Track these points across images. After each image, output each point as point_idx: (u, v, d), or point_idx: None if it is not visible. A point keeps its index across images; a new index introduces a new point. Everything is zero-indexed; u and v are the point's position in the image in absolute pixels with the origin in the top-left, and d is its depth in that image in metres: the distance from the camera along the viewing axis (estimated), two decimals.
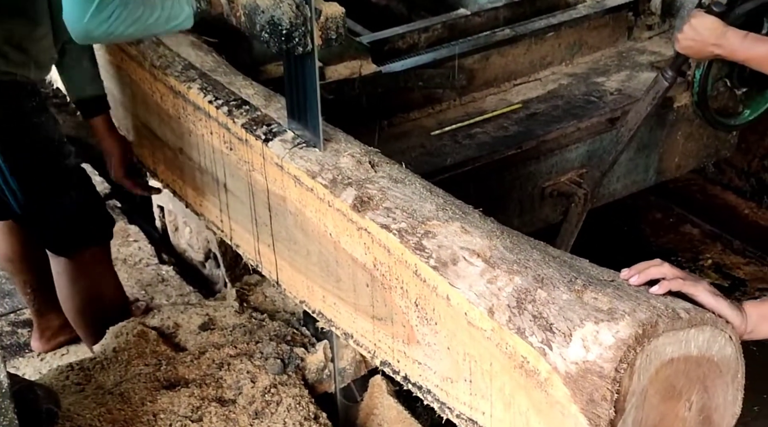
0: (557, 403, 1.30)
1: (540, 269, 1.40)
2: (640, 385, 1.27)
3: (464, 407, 1.49)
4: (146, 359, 2.07)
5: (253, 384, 1.95)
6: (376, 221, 1.54)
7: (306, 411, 1.93)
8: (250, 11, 1.71)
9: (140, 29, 1.76)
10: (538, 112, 2.70)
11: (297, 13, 1.62)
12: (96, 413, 1.89)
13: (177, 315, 2.26)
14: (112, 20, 1.70)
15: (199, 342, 2.14)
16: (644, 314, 1.27)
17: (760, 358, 2.72)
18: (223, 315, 2.25)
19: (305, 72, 1.67)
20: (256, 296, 2.37)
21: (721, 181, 3.38)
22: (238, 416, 1.90)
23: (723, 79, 2.73)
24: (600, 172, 2.55)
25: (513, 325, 1.34)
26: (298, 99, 1.71)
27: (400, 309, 1.55)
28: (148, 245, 2.99)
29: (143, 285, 2.81)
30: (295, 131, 1.74)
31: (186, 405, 1.90)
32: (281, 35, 1.64)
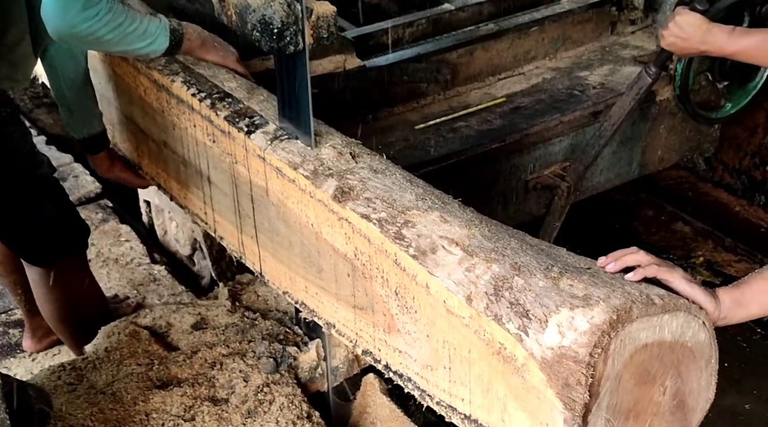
0: (534, 388, 1.32)
1: (517, 257, 1.42)
2: (614, 370, 1.29)
3: (444, 394, 1.51)
4: (138, 358, 2.07)
5: (246, 383, 1.96)
6: (356, 211, 1.55)
7: (299, 410, 1.94)
8: (241, 10, 1.71)
9: (118, 36, 1.78)
10: (521, 106, 2.72)
11: (288, 11, 1.62)
12: (88, 412, 1.89)
13: (169, 315, 2.26)
14: (96, 20, 1.71)
15: (191, 342, 2.14)
16: (618, 300, 1.29)
17: None
18: (215, 314, 2.25)
19: (297, 71, 1.67)
20: (249, 295, 2.37)
21: (713, 178, 3.39)
22: (231, 416, 1.90)
23: (704, 73, 2.77)
24: (583, 165, 2.58)
25: (490, 312, 1.36)
26: (289, 97, 1.71)
27: (381, 298, 1.57)
28: (139, 245, 2.99)
29: (135, 285, 2.81)
30: (287, 130, 1.73)
31: (178, 405, 1.91)
32: (272, 34, 1.63)
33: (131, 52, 1.89)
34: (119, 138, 2.35)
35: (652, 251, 1.44)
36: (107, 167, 2.29)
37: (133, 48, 1.85)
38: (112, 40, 1.78)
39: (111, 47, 1.84)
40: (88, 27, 1.72)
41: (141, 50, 1.86)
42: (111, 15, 1.73)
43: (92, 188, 3.28)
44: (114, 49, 1.87)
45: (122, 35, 1.78)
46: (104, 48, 1.87)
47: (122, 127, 2.31)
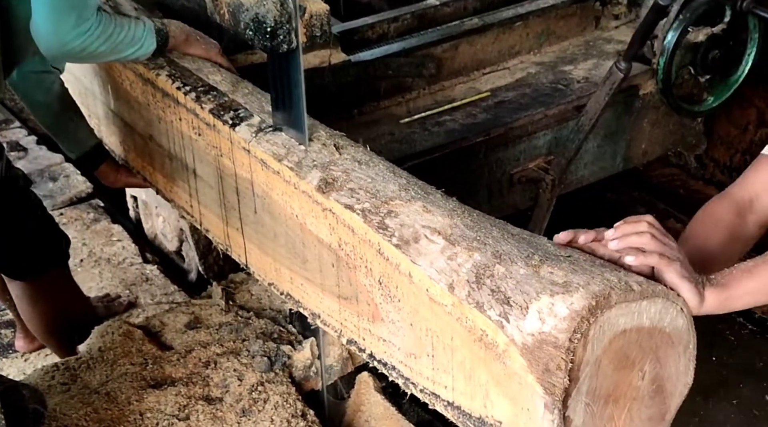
0: (515, 374, 1.34)
1: (499, 246, 1.44)
2: (593, 355, 1.31)
3: (427, 381, 1.53)
4: (132, 358, 2.07)
5: (240, 382, 1.97)
6: (340, 202, 1.57)
7: (293, 409, 1.94)
8: (234, 9, 1.70)
9: (109, 47, 1.79)
10: (506, 100, 2.75)
11: (281, 10, 1.61)
12: (82, 412, 1.89)
13: (163, 314, 2.26)
14: (88, 35, 1.72)
15: (185, 341, 2.14)
16: (598, 287, 1.31)
17: None
18: (209, 314, 2.25)
19: (290, 69, 1.66)
20: (242, 294, 2.37)
21: (704, 176, 3.41)
22: (226, 415, 1.91)
23: (687, 67, 2.80)
24: (565, 159, 2.61)
25: (472, 299, 1.38)
26: (282, 96, 1.71)
27: (365, 288, 1.58)
28: (131, 244, 2.99)
29: (127, 284, 2.81)
30: (280, 128, 1.73)
31: (173, 404, 1.91)
32: (266, 33, 1.63)
33: (123, 59, 1.90)
34: (105, 132, 2.36)
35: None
36: (113, 178, 2.30)
37: (124, 55, 1.86)
38: (104, 52, 1.79)
39: (103, 58, 1.85)
40: (81, 43, 1.73)
41: (132, 56, 1.88)
42: (101, 28, 1.74)
43: (83, 188, 3.27)
44: (106, 59, 1.88)
45: (113, 45, 1.80)
46: (97, 60, 1.88)
47: (108, 122, 2.32)
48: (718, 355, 2.83)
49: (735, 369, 2.81)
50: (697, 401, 2.69)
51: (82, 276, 2.82)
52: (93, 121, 2.36)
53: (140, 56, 1.90)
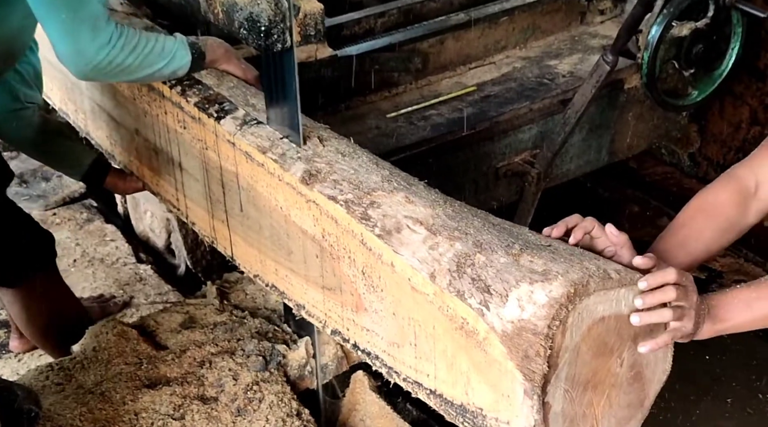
0: (495, 361, 1.36)
1: (480, 235, 1.45)
2: (572, 342, 1.33)
3: (410, 370, 1.54)
4: (127, 358, 2.07)
5: (235, 382, 1.97)
6: (323, 193, 1.59)
7: (288, 408, 1.94)
8: (228, 8, 1.69)
9: (138, 59, 1.73)
10: (491, 94, 2.76)
11: (275, 10, 1.61)
12: (77, 412, 1.89)
13: (157, 314, 2.26)
14: (110, 46, 1.67)
15: (180, 340, 2.14)
16: (576, 275, 1.33)
17: None
18: (203, 313, 2.25)
19: (284, 69, 1.66)
20: (237, 293, 2.37)
21: (697, 174, 3.39)
22: (221, 414, 1.91)
23: (671, 61, 2.82)
24: (551, 152, 2.62)
25: (453, 288, 1.40)
26: (277, 96, 1.70)
27: (348, 278, 1.60)
28: (125, 244, 2.98)
29: (121, 284, 2.81)
30: (274, 127, 1.73)
31: (168, 404, 1.91)
32: (260, 32, 1.62)
33: (158, 74, 1.81)
34: (92, 126, 2.37)
35: (638, 247, 1.45)
36: (123, 187, 2.29)
37: (157, 68, 1.78)
38: (133, 65, 1.72)
39: (136, 73, 1.76)
40: (106, 56, 1.67)
41: (166, 69, 1.80)
42: (124, 39, 1.69)
43: (76, 188, 3.27)
44: (139, 75, 1.78)
45: (142, 58, 1.73)
46: (131, 76, 1.77)
47: (95, 116, 2.33)
48: (711, 353, 2.83)
49: (729, 367, 2.82)
50: (692, 400, 2.69)
51: (75, 276, 2.81)
52: (80, 116, 2.37)
53: (177, 70, 1.82)
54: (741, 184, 1.58)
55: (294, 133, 1.68)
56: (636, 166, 3.54)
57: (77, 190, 3.25)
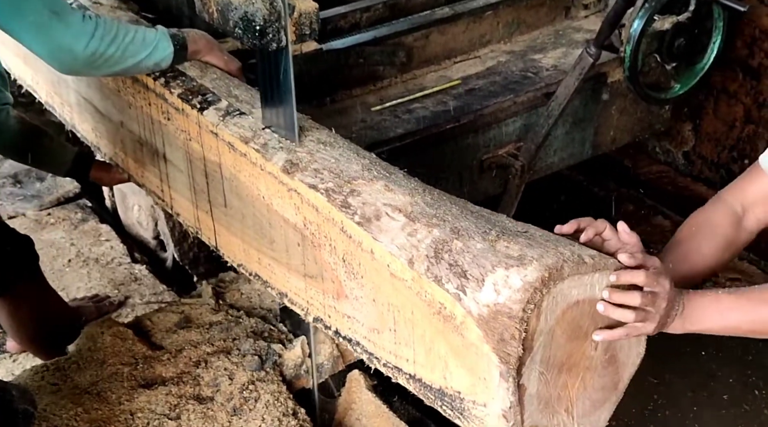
0: (472, 344, 1.38)
1: (457, 222, 1.48)
2: (547, 325, 1.36)
3: (390, 355, 1.57)
4: (122, 358, 2.07)
5: (231, 381, 1.97)
6: (304, 182, 1.61)
7: (284, 407, 1.95)
8: (223, 7, 1.69)
9: (121, 51, 1.74)
10: (476, 87, 2.78)
11: (270, 9, 1.61)
12: (72, 412, 1.89)
13: (153, 314, 2.26)
14: (89, 36, 1.67)
15: (175, 340, 2.14)
16: (551, 260, 1.35)
17: None
18: (199, 313, 2.25)
19: (279, 67, 1.66)
20: (232, 293, 2.38)
21: (692, 172, 3.40)
22: (217, 414, 1.91)
23: (653, 55, 2.85)
24: (534, 144, 2.65)
25: (431, 274, 1.42)
26: (272, 94, 1.70)
27: (329, 266, 1.62)
28: (120, 244, 2.98)
29: (116, 284, 2.81)
30: (270, 125, 1.73)
31: (164, 403, 1.92)
32: (255, 31, 1.62)
33: (142, 65, 1.81)
34: (78, 119, 2.38)
35: None
36: (108, 178, 2.30)
37: (139, 59, 1.78)
38: (115, 55, 1.73)
39: (119, 64, 1.77)
40: (86, 46, 1.68)
41: (148, 60, 1.80)
42: (102, 29, 1.70)
43: (71, 188, 3.27)
44: (123, 66, 1.78)
45: (123, 47, 1.74)
46: (115, 67, 1.77)
47: (80, 109, 2.34)
48: (707, 350, 2.84)
49: (724, 364, 2.82)
50: (689, 396, 2.71)
51: (70, 276, 2.82)
52: (66, 109, 2.39)
53: (160, 62, 1.82)
54: (730, 208, 1.61)
55: (290, 132, 1.68)
56: (631, 165, 3.56)
57: (72, 191, 3.25)
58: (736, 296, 1.43)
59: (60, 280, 2.79)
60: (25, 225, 3.07)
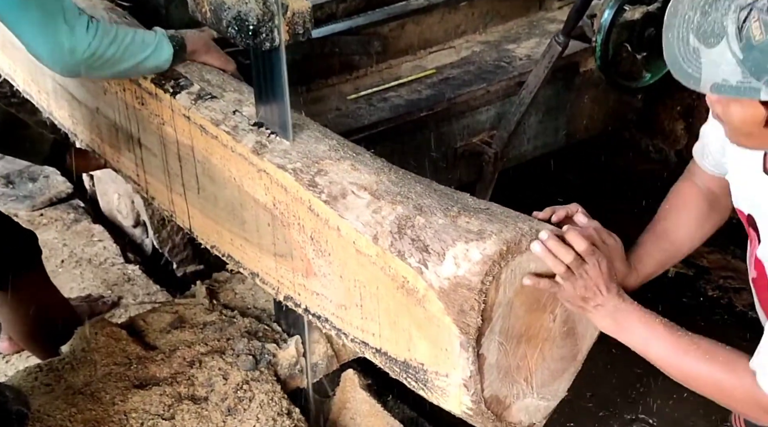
0: (434, 317, 1.42)
1: (420, 200, 1.52)
2: (506, 297, 1.41)
3: (357, 331, 1.61)
4: (116, 358, 2.06)
5: (225, 381, 1.97)
6: (273, 162, 1.65)
7: (279, 407, 1.95)
8: (216, 7, 1.69)
9: (119, 51, 1.74)
10: (450, 77, 2.82)
11: (264, 8, 1.61)
12: (66, 413, 1.89)
13: (146, 314, 2.25)
14: (89, 38, 1.68)
15: (169, 340, 2.14)
16: (510, 234, 1.40)
17: None
18: (193, 313, 2.24)
19: (273, 67, 1.66)
20: (226, 293, 2.37)
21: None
22: (211, 413, 1.91)
23: (624, 44, 2.90)
24: (507, 132, 2.70)
25: (394, 249, 1.46)
26: (266, 93, 1.71)
27: (298, 244, 1.66)
28: (112, 244, 2.97)
29: (109, 285, 2.80)
30: (264, 123, 1.73)
31: (158, 403, 1.91)
32: (248, 31, 1.61)
33: (141, 67, 1.82)
34: (54, 106, 2.41)
35: (625, 243, 1.51)
36: (83, 166, 2.29)
37: (139, 59, 1.79)
38: (115, 56, 1.73)
39: (120, 64, 1.77)
40: (87, 48, 1.68)
41: (149, 61, 1.81)
42: (101, 31, 1.70)
43: (63, 188, 3.26)
44: (123, 66, 1.79)
45: (123, 48, 1.75)
46: (114, 68, 1.78)
47: (57, 96, 2.37)
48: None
49: None
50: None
51: (63, 277, 2.81)
52: (43, 96, 2.41)
53: (161, 62, 1.84)
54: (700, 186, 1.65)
55: (284, 130, 1.69)
56: (623, 164, 3.59)
57: (64, 191, 3.23)
58: (670, 333, 1.37)
59: (53, 280, 2.69)
60: None
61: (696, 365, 1.34)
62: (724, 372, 1.32)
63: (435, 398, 1.49)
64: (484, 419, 1.44)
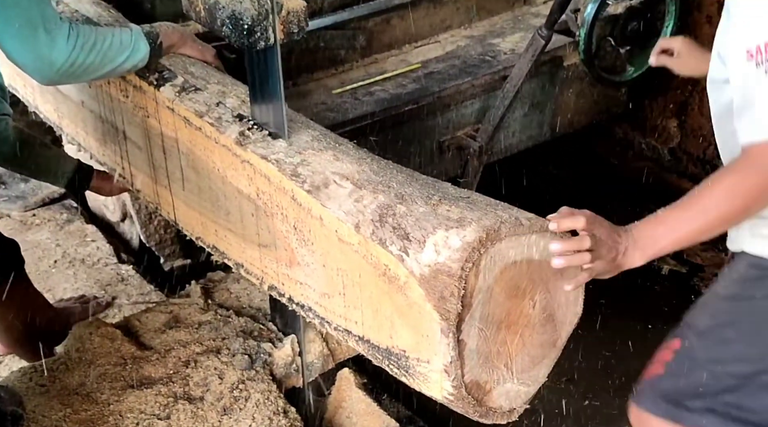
0: (415, 303, 1.44)
1: (402, 188, 1.54)
2: (485, 283, 1.42)
3: (340, 319, 1.63)
4: (111, 358, 2.06)
5: (221, 381, 1.97)
6: (256, 153, 1.66)
7: (275, 406, 1.95)
8: (210, 6, 1.69)
9: (99, 57, 1.73)
10: (435, 71, 2.85)
11: (258, 8, 1.61)
12: (61, 414, 1.89)
13: (141, 314, 2.25)
14: (69, 47, 1.68)
15: (164, 340, 2.13)
16: (489, 221, 1.42)
17: None
18: (188, 313, 2.24)
19: (267, 66, 1.66)
20: (221, 292, 2.36)
21: (677, 168, 3.43)
22: (207, 413, 1.91)
23: (607, 38, 2.93)
24: (491, 126, 2.72)
25: (376, 237, 1.48)
26: (261, 92, 1.71)
27: (282, 234, 1.68)
28: (106, 245, 2.95)
29: (103, 285, 2.78)
30: (259, 122, 1.73)
31: (153, 403, 1.91)
32: (243, 30, 1.60)
33: (120, 69, 1.82)
34: (40, 100, 2.41)
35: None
36: (108, 189, 2.27)
37: (118, 62, 1.79)
38: (95, 62, 1.73)
39: (99, 70, 1.78)
40: (67, 57, 1.68)
41: (127, 63, 1.82)
42: (82, 38, 1.70)
43: (55, 189, 3.16)
44: (102, 72, 1.79)
45: (102, 54, 1.74)
46: (94, 74, 1.79)
47: (42, 90, 2.38)
48: None
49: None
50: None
51: (56, 277, 2.80)
52: (28, 91, 2.42)
53: (137, 62, 1.84)
54: None
55: (279, 129, 1.69)
56: (617, 162, 3.60)
57: (56, 191, 3.19)
58: (676, 209, 1.46)
59: (46, 281, 2.77)
60: (10, 226, 3.04)
61: (719, 197, 1.43)
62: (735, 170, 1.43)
63: (417, 385, 1.51)
64: (465, 404, 1.46)
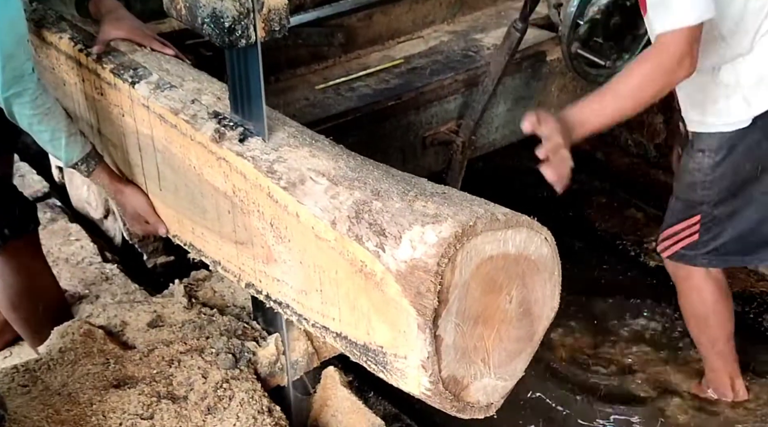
0: (392, 299, 1.43)
1: (378, 184, 1.53)
2: (462, 279, 1.41)
3: (317, 316, 1.62)
4: (94, 358, 2.04)
5: (205, 380, 1.95)
6: (232, 150, 1.65)
7: (259, 405, 1.93)
8: (191, 4, 1.66)
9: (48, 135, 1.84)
10: (418, 66, 2.84)
11: (239, 6, 1.58)
12: (44, 414, 1.86)
13: (124, 313, 2.23)
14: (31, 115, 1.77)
15: (147, 340, 2.12)
16: (465, 217, 1.41)
17: None
18: (171, 312, 2.23)
19: (248, 64, 1.64)
20: (205, 291, 2.35)
21: (664, 165, 3.39)
22: (191, 413, 1.89)
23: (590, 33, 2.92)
24: (473, 121, 2.71)
25: (352, 233, 1.47)
26: (241, 91, 1.69)
27: (258, 231, 1.66)
28: (90, 243, 2.93)
29: (87, 284, 2.75)
30: (239, 122, 1.72)
31: (136, 403, 1.89)
32: (224, 28, 1.57)
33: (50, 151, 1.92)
34: None
35: (605, 237, 1.55)
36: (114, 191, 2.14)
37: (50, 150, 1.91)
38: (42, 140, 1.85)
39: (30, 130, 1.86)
40: (24, 124, 1.80)
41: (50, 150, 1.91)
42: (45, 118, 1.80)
43: (39, 187, 3.21)
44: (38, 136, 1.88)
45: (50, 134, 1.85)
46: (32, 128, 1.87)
47: None
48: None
49: None
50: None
51: None
52: None
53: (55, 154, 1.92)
54: None
55: (258, 129, 1.67)
56: (603, 158, 3.59)
57: (40, 190, 3.19)
58: (598, 95, 1.89)
59: None
60: None
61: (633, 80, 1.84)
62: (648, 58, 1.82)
63: (395, 380, 1.50)
64: (443, 400, 1.45)
